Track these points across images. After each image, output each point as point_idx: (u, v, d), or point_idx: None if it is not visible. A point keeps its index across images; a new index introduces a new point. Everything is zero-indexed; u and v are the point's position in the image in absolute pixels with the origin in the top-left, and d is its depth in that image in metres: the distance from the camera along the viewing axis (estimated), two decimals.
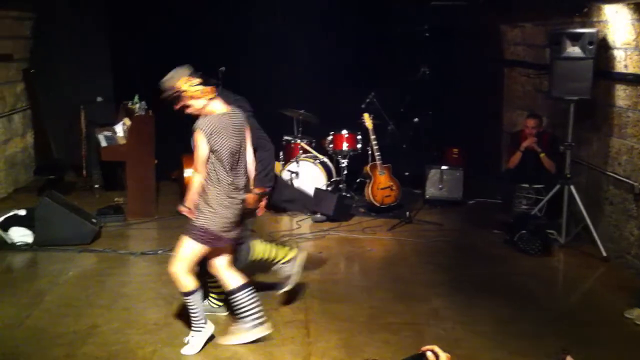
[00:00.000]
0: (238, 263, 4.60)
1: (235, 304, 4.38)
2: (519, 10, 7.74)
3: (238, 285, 4.36)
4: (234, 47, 8.62)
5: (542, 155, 7.15)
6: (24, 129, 8.82)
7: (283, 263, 4.94)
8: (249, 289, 4.38)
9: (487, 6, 8.13)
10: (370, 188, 7.64)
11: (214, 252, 4.34)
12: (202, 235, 4.17)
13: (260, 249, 4.85)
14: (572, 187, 6.41)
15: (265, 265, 4.98)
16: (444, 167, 8.08)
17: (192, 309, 4.28)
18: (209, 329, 4.35)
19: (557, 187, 6.57)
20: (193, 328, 4.31)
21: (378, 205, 7.62)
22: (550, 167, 7.12)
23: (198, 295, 4.27)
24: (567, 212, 6.50)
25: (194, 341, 4.29)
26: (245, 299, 4.35)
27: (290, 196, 7.63)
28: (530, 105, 8.18)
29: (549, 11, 7.02)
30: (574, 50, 6.21)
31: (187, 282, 4.22)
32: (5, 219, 6.48)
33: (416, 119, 8.13)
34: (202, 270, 4.48)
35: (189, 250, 4.21)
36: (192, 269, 4.25)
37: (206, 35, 8.63)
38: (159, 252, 6.18)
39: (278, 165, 7.87)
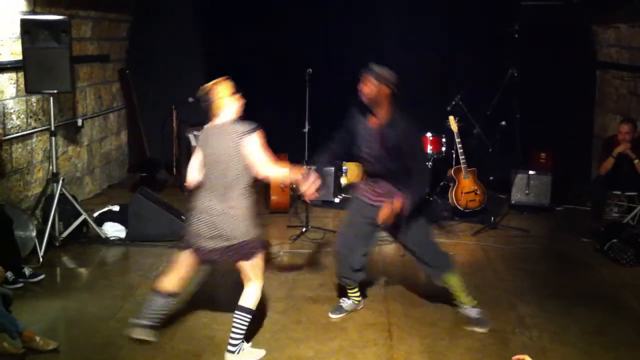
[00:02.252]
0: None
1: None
2: (615, 11, 7.50)
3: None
4: (321, 49, 8.69)
5: (636, 161, 6.89)
6: (119, 128, 9.18)
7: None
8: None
9: (580, 6, 7.91)
10: (454, 192, 7.55)
11: None
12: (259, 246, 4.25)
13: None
14: None
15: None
16: (531, 172, 7.90)
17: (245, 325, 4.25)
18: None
19: None
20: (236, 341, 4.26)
21: (462, 209, 7.53)
22: None
23: None
24: None
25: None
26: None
27: None
28: (624, 109, 7.90)
29: None
30: None
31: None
32: (100, 214, 6.78)
33: (503, 122, 7.96)
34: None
35: (261, 267, 4.25)
36: None
37: (295, 38, 8.75)
38: None
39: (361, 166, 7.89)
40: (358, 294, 4.98)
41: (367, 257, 4.88)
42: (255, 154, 4.10)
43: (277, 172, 4.26)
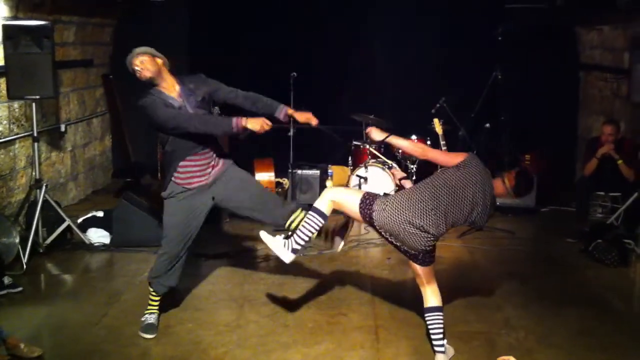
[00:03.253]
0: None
1: None
2: (598, 13, 7.55)
3: None
4: (305, 54, 8.70)
5: (619, 162, 6.94)
6: (103, 133, 9.13)
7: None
8: None
9: (564, 9, 7.95)
10: None
11: None
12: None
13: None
14: None
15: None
16: None
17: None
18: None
19: (635, 195, 6.37)
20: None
21: None
22: (628, 174, 6.89)
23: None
24: None
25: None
26: None
27: None
28: (607, 111, 7.96)
29: (630, 13, 6.82)
30: None
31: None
32: (84, 220, 6.73)
33: (488, 125, 8.00)
34: None
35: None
36: None
37: (280, 42, 8.75)
38: (230, 254, 6.29)
39: (346, 170, 7.91)
40: None
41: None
42: None
43: None
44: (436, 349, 4.23)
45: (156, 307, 4.75)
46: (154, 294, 4.74)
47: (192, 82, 4.69)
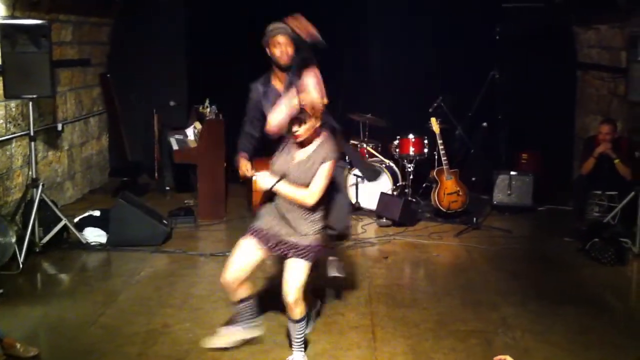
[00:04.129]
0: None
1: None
2: (597, 12, 7.56)
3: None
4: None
5: (617, 161, 6.93)
6: (100, 132, 9.12)
7: None
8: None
9: (561, 8, 7.97)
10: (436, 193, 7.57)
11: None
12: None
13: None
14: None
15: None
16: (513, 173, 7.94)
17: (300, 333, 4.21)
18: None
19: (632, 194, 6.37)
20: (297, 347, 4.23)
21: (444, 210, 7.55)
22: (625, 173, 6.89)
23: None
24: None
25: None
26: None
27: None
28: (604, 110, 7.97)
29: (631, 12, 6.83)
30: None
31: (304, 307, 4.17)
32: (81, 219, 6.72)
33: (485, 124, 8.01)
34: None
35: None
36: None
37: None
38: (228, 253, 6.27)
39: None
40: None
41: None
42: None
43: None
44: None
45: None
46: None
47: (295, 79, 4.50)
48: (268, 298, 5.19)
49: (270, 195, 4.18)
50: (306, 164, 4.05)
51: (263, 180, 4.07)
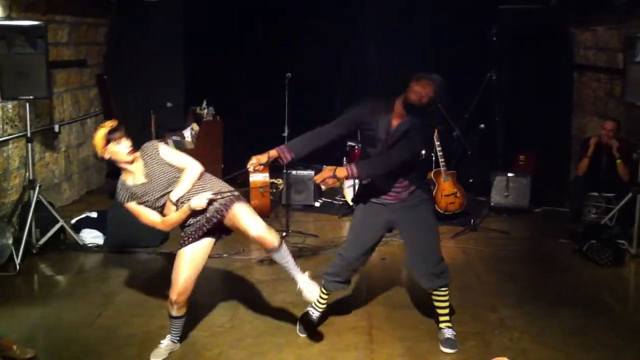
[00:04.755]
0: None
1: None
2: (594, 13, 7.57)
3: None
4: (300, 54, 8.69)
5: (619, 161, 6.93)
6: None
7: None
8: None
9: (558, 9, 7.97)
10: (434, 194, 7.57)
11: None
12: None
13: None
14: None
15: None
16: (510, 174, 7.95)
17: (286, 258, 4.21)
18: None
19: (629, 195, 6.38)
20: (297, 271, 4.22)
21: (442, 212, 7.55)
22: (624, 174, 6.90)
23: None
24: (639, 221, 6.31)
25: None
26: None
27: None
28: (601, 111, 7.98)
29: (628, 14, 6.84)
30: None
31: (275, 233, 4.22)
32: (78, 220, 6.71)
33: (482, 125, 8.00)
34: None
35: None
36: None
37: (275, 41, 8.74)
38: (224, 255, 6.28)
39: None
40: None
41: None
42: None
43: None
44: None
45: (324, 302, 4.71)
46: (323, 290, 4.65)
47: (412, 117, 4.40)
48: (262, 303, 5.20)
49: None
50: (156, 175, 4.17)
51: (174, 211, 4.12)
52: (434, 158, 7.84)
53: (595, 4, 7.28)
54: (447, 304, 4.56)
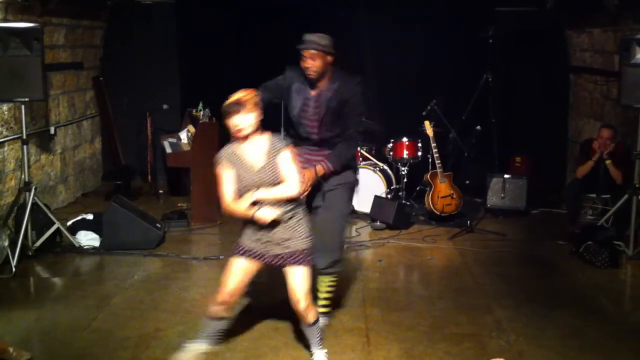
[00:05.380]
0: None
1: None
2: (589, 16, 7.58)
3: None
4: (295, 55, 8.65)
5: (608, 162, 6.93)
6: (93, 136, 9.09)
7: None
8: None
9: (554, 12, 7.98)
10: (430, 196, 7.58)
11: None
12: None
13: None
14: None
15: None
16: (506, 176, 7.97)
17: (317, 334, 4.25)
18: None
19: (625, 197, 6.39)
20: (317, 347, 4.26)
21: (438, 213, 7.56)
22: (616, 176, 6.88)
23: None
24: (635, 223, 6.31)
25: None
26: None
27: None
28: (597, 113, 7.99)
29: (621, 16, 6.85)
30: None
31: (315, 311, 4.24)
32: (74, 222, 6.70)
33: (478, 127, 8.03)
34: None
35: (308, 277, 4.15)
36: None
37: (269, 42, 8.72)
38: (221, 257, 6.27)
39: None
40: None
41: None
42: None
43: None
44: None
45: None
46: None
47: (342, 81, 4.50)
48: (260, 304, 5.19)
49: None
50: (270, 165, 3.99)
51: (242, 202, 3.97)
52: (430, 159, 7.85)
53: (589, 6, 7.30)
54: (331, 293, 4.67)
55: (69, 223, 6.68)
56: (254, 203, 3.95)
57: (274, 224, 3.99)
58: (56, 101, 7.87)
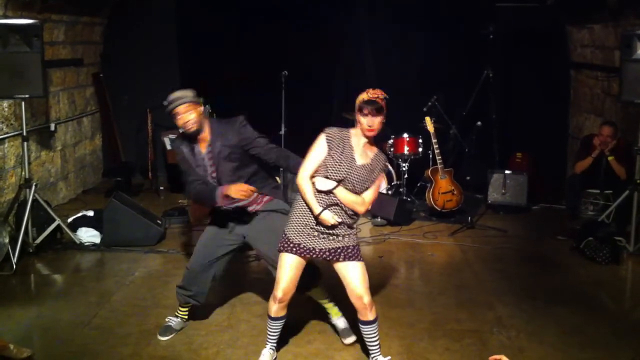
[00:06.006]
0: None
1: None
2: (590, 11, 7.57)
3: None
4: (296, 52, 8.67)
5: (610, 158, 6.93)
6: (93, 132, 9.08)
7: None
8: None
9: (555, 8, 7.97)
10: (431, 192, 7.57)
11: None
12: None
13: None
14: None
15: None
16: (507, 172, 7.96)
17: (376, 334, 4.14)
18: None
19: (626, 193, 6.39)
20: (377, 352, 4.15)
21: (439, 209, 7.55)
22: (619, 172, 6.89)
23: None
24: (636, 219, 6.31)
25: None
26: None
27: None
28: (598, 109, 7.98)
29: (622, 12, 6.83)
30: None
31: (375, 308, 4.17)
32: (74, 219, 6.70)
33: (479, 123, 8.01)
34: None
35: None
36: None
37: (270, 41, 8.72)
38: None
39: None
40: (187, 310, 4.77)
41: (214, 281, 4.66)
42: None
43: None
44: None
45: (183, 313, 4.74)
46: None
47: (224, 129, 4.40)
48: (259, 301, 5.18)
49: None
50: (369, 168, 3.97)
51: (322, 183, 3.93)
52: (431, 156, 7.84)
53: (590, 2, 7.28)
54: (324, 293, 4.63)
55: (70, 220, 6.68)
56: (325, 193, 3.92)
57: (330, 227, 3.96)
58: (56, 98, 7.87)
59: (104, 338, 4.56)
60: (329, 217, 3.92)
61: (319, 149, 3.95)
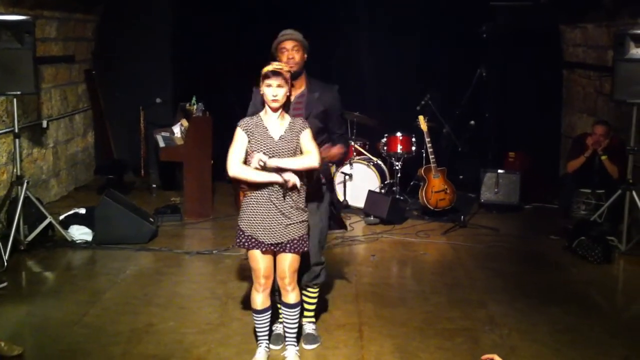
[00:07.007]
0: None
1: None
2: (583, 11, 7.58)
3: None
4: None
5: (604, 157, 6.94)
6: (85, 129, 9.04)
7: None
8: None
9: (548, 7, 7.97)
10: (424, 191, 7.57)
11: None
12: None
13: None
14: (634, 193, 6.23)
15: None
16: (500, 171, 7.96)
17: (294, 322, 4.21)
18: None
19: (619, 192, 6.40)
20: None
21: (432, 208, 7.55)
22: (612, 171, 6.91)
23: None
24: (628, 218, 6.32)
25: None
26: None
27: None
28: (591, 108, 7.99)
29: (618, 12, 6.84)
30: (638, 52, 6.05)
31: (299, 292, 4.21)
32: (66, 217, 6.67)
33: (472, 122, 8.02)
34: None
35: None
36: None
37: (265, 39, 8.66)
38: (214, 252, 6.26)
39: (331, 167, 7.88)
40: None
41: None
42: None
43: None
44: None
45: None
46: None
47: (323, 88, 4.42)
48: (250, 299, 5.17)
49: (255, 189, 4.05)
50: (288, 138, 3.96)
51: (256, 161, 3.90)
52: (424, 154, 7.84)
53: (584, 2, 7.29)
54: (314, 305, 4.55)
55: (61, 217, 6.64)
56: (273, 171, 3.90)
57: (280, 201, 3.94)
58: (48, 94, 7.83)
59: (95, 336, 4.53)
60: (293, 176, 3.88)
61: (239, 140, 3.97)
